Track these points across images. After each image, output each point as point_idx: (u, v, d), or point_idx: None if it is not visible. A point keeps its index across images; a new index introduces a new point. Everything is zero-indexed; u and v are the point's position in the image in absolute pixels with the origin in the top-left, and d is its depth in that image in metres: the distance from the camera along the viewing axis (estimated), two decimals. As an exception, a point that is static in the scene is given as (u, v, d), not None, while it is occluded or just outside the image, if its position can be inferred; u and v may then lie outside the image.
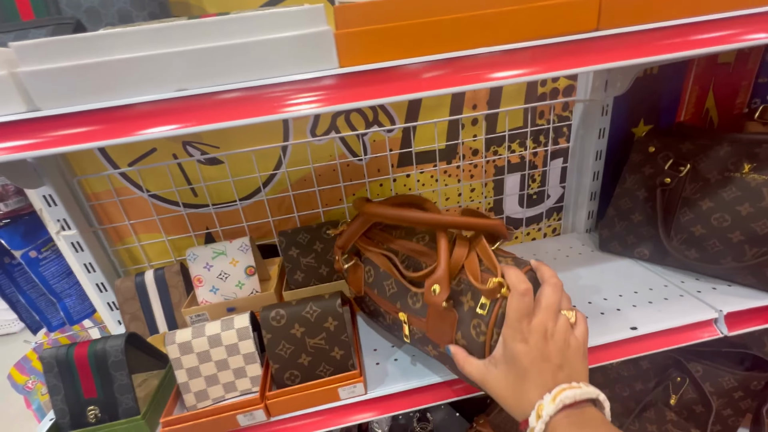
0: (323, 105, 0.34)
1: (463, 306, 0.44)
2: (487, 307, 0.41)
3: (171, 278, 0.68)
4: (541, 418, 0.34)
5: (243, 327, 0.52)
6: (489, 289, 0.40)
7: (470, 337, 0.43)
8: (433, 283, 0.44)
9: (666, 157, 0.66)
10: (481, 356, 0.42)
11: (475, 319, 0.42)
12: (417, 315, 0.49)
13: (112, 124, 0.33)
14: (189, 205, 0.74)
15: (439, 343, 0.47)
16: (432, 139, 0.76)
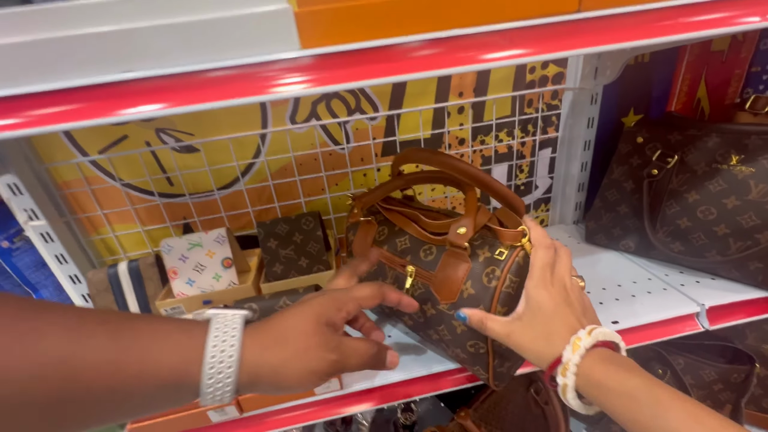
0: (311, 86, 0.32)
1: (479, 257, 0.44)
2: (506, 254, 0.42)
3: (146, 270, 0.66)
4: (578, 349, 0.34)
5: (215, 321, 0.50)
6: (513, 233, 0.42)
7: (480, 285, 0.43)
8: (460, 226, 0.45)
9: (654, 148, 0.65)
10: (489, 305, 0.42)
11: (490, 267, 0.43)
12: (426, 267, 0.49)
13: (78, 105, 0.30)
14: (165, 194, 0.72)
15: (440, 297, 0.46)
16: (417, 128, 0.74)
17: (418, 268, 0.50)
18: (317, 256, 0.66)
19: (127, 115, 0.31)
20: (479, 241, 0.46)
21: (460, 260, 0.46)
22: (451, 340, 0.47)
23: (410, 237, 0.53)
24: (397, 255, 0.53)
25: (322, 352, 0.32)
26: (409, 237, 0.53)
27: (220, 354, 0.28)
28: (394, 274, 0.53)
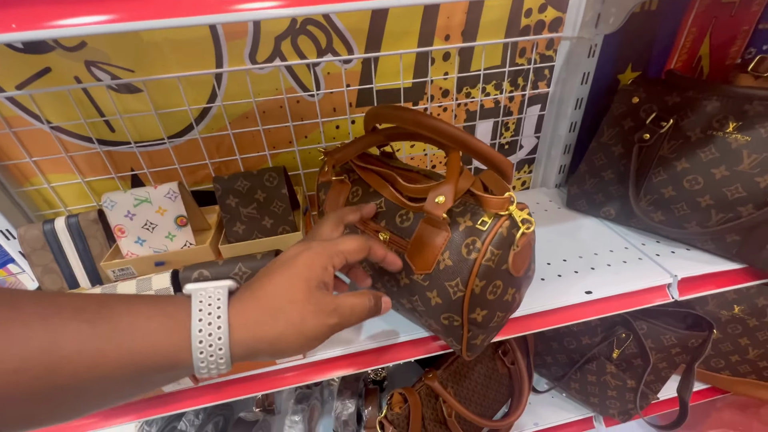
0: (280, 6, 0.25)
1: (459, 226, 0.40)
2: (488, 224, 0.38)
3: (88, 227, 0.59)
4: None
5: (163, 288, 0.45)
6: (498, 200, 0.38)
7: (459, 256, 0.40)
8: (439, 194, 0.40)
9: (649, 110, 0.60)
10: (467, 278, 0.39)
11: (470, 237, 0.39)
12: (401, 235, 0.45)
13: None
14: (106, 142, 0.63)
15: (415, 267, 0.43)
16: (396, 75, 0.66)
17: (392, 234, 0.46)
18: (282, 216, 0.61)
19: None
20: (460, 207, 0.41)
21: (438, 228, 0.42)
22: (425, 311, 0.44)
23: (385, 200, 0.48)
24: (372, 219, 0.48)
25: (320, 318, 0.31)
26: (384, 200, 0.48)
27: (207, 338, 0.27)
28: None
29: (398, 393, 0.63)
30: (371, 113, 0.47)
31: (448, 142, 0.40)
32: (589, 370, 0.75)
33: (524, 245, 0.39)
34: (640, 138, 0.60)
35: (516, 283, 0.43)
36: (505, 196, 0.38)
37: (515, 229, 0.38)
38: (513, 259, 0.39)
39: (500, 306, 0.42)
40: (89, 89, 0.58)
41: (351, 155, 0.52)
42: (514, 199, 0.38)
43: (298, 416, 0.75)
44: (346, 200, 0.52)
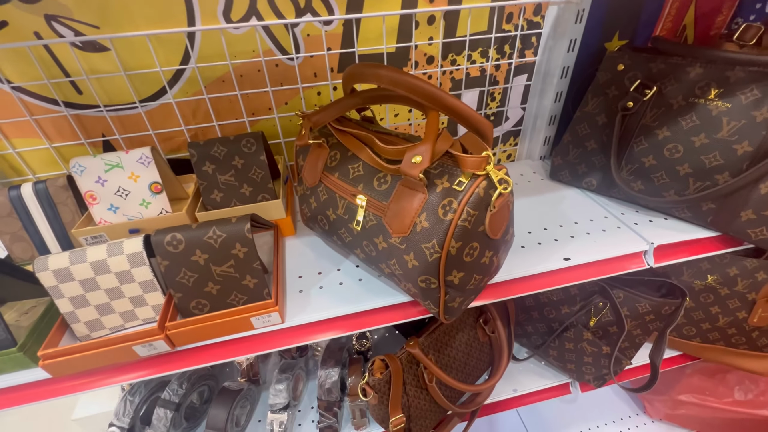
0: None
1: (436, 187, 0.40)
2: (465, 184, 0.38)
3: (57, 193, 0.57)
4: None
5: (135, 252, 0.44)
6: (475, 159, 0.37)
7: (435, 217, 0.39)
8: (416, 155, 0.39)
9: (633, 78, 0.59)
10: (442, 240, 0.39)
11: (447, 198, 0.39)
12: (379, 198, 0.44)
13: None
14: (73, 105, 0.59)
15: (392, 230, 0.43)
16: (379, 39, 0.64)
17: (370, 198, 0.45)
18: (261, 183, 0.59)
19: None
20: (438, 169, 0.41)
21: (416, 191, 0.41)
22: (403, 275, 0.44)
23: (364, 163, 0.47)
24: (349, 183, 0.48)
25: None
26: (362, 163, 0.47)
27: None
28: (345, 204, 0.48)
29: (379, 359, 0.64)
30: (348, 72, 0.45)
31: (425, 101, 0.39)
32: (567, 338, 0.77)
33: (501, 206, 0.39)
34: (624, 106, 0.60)
35: (493, 246, 0.43)
36: (483, 155, 0.37)
37: (492, 190, 0.37)
38: (490, 220, 0.39)
39: (477, 268, 0.42)
40: (52, 47, 0.54)
41: (329, 118, 0.50)
42: (491, 159, 0.37)
43: (282, 385, 0.76)
44: (325, 165, 0.50)
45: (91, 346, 0.42)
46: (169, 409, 0.71)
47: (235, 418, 0.75)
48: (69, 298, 0.44)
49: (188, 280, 0.45)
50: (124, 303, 0.46)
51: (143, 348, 0.44)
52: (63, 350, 0.42)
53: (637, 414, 1.15)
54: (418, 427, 0.72)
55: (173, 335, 0.45)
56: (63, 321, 0.46)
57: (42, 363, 0.42)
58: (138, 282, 0.45)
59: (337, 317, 0.49)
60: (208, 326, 0.45)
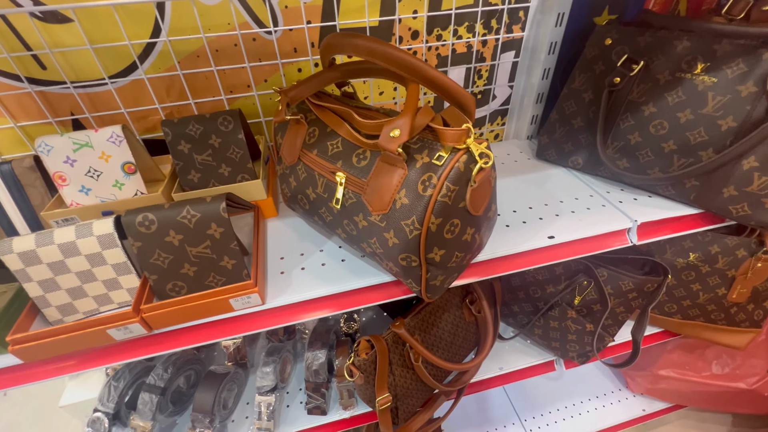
0: None
1: (416, 163, 0.39)
2: (445, 158, 0.37)
3: (24, 175, 0.54)
4: None
5: (105, 234, 0.43)
6: (454, 132, 0.36)
7: (415, 193, 0.38)
8: (394, 128, 0.38)
9: (621, 53, 0.58)
10: (422, 216, 0.38)
11: (427, 173, 0.38)
12: (358, 175, 0.43)
13: None
14: (37, 81, 0.56)
15: (372, 207, 0.42)
16: (361, 11, 0.61)
17: (349, 175, 0.44)
18: (240, 163, 0.57)
19: None
20: (418, 144, 0.40)
21: (395, 166, 0.40)
22: (384, 254, 0.43)
23: (343, 140, 0.45)
24: (328, 160, 0.46)
25: None
26: (341, 140, 0.46)
27: None
28: (324, 182, 0.47)
29: (364, 340, 0.64)
30: (326, 43, 0.43)
31: (404, 73, 0.38)
32: (552, 317, 0.78)
33: (482, 181, 0.38)
34: (611, 82, 0.59)
35: (475, 223, 0.42)
36: (463, 127, 0.36)
37: (473, 164, 0.36)
38: (471, 195, 0.38)
39: (459, 246, 0.42)
40: (9, 17, 0.51)
41: (307, 93, 0.48)
42: (472, 132, 0.36)
43: (270, 367, 0.76)
44: (303, 142, 0.49)
45: (64, 330, 0.41)
46: (155, 393, 0.71)
47: (222, 401, 0.75)
48: (37, 281, 0.42)
49: (163, 261, 0.43)
50: (97, 286, 0.45)
51: (118, 332, 0.43)
52: (33, 335, 0.41)
53: (620, 389, 1.19)
54: (405, 405, 0.73)
55: (149, 318, 0.43)
56: (33, 306, 0.44)
57: (11, 348, 0.40)
58: (110, 264, 0.44)
59: (319, 298, 0.49)
60: (185, 308, 0.44)
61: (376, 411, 0.67)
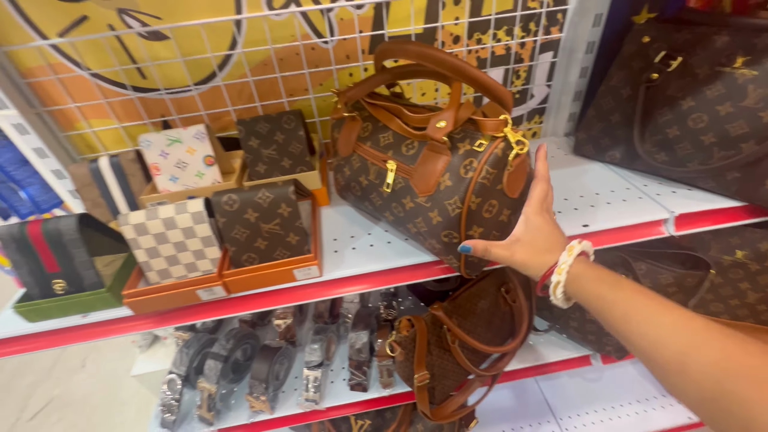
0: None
1: (459, 150, 0.45)
2: (485, 145, 0.42)
3: (127, 166, 0.65)
4: (572, 252, 0.42)
5: (197, 211, 0.52)
6: (494, 122, 0.41)
7: (457, 176, 0.44)
8: (440, 120, 0.44)
9: (658, 49, 0.60)
10: (464, 196, 0.43)
11: (468, 159, 0.43)
12: (407, 162, 0.50)
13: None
14: (138, 88, 0.68)
15: (418, 190, 0.48)
16: (407, 20, 0.68)
17: (399, 162, 0.50)
18: (300, 156, 0.65)
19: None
20: (461, 134, 0.45)
21: (440, 153, 0.45)
22: (428, 232, 0.49)
23: (393, 132, 0.52)
24: (380, 150, 0.53)
25: None
26: (392, 132, 0.52)
27: None
28: (376, 169, 0.54)
29: (405, 319, 0.70)
30: (379, 50, 0.50)
31: (449, 73, 0.43)
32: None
33: (518, 165, 0.43)
34: (648, 78, 0.61)
35: (512, 205, 0.46)
36: (501, 118, 0.41)
37: (509, 150, 0.41)
38: (508, 179, 0.43)
39: (496, 225, 0.46)
40: (122, 37, 0.62)
41: (361, 93, 0.55)
42: (509, 122, 0.41)
43: (317, 344, 0.84)
44: (357, 135, 0.56)
45: (164, 288, 0.51)
46: (219, 360, 0.80)
47: (275, 372, 0.84)
48: (145, 249, 0.52)
49: (241, 235, 0.52)
50: (188, 255, 0.54)
51: (205, 292, 0.52)
52: (142, 291, 0.50)
53: (663, 395, 1.15)
54: (441, 386, 0.77)
55: (229, 282, 0.52)
56: (139, 269, 0.54)
57: (126, 301, 0.50)
58: (199, 237, 0.53)
59: (368, 273, 0.55)
60: (257, 276, 0.52)
61: (414, 388, 0.73)
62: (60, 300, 0.52)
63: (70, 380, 1.64)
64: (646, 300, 0.35)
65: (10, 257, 0.51)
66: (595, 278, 0.39)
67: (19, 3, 0.57)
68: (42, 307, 0.52)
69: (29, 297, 0.53)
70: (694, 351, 0.29)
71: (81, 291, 0.52)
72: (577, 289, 0.40)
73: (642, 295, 0.36)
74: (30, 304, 0.52)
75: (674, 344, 0.31)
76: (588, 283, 0.39)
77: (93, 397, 1.56)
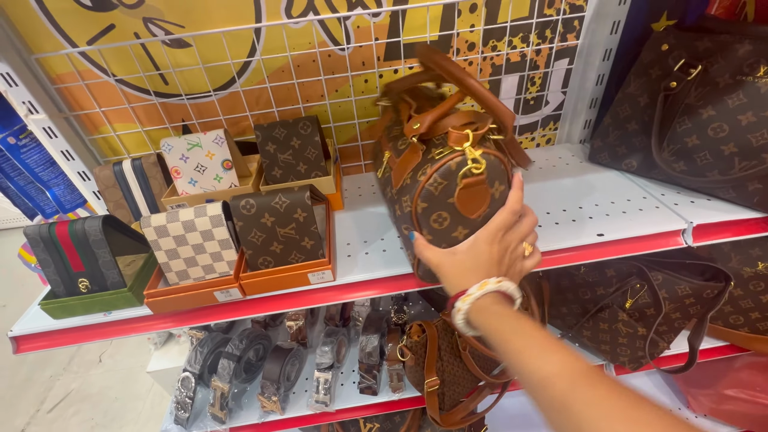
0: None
1: (428, 154, 0.45)
2: (443, 155, 0.42)
3: (149, 168, 0.68)
4: (484, 288, 0.42)
5: (215, 215, 0.53)
6: (456, 135, 0.41)
7: (414, 177, 0.45)
8: (417, 121, 0.45)
9: (678, 57, 0.59)
10: (412, 197, 0.44)
11: (426, 164, 0.44)
12: (396, 155, 0.52)
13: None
14: (161, 94, 0.70)
15: (394, 182, 0.51)
16: (423, 28, 0.68)
17: (392, 155, 0.53)
18: (315, 161, 0.67)
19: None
20: (439, 141, 0.46)
21: (414, 153, 0.47)
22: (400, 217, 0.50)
23: (401, 128, 0.54)
24: (387, 140, 0.57)
25: None
26: (401, 128, 0.54)
27: None
28: (381, 156, 0.57)
29: (416, 324, 0.70)
30: (417, 50, 0.53)
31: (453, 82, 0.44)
32: (602, 318, 0.78)
33: (474, 185, 0.41)
34: (667, 86, 0.60)
35: (470, 225, 0.45)
36: (464, 132, 0.40)
37: (465, 166, 0.40)
38: (459, 194, 0.42)
39: (448, 240, 0.46)
40: (147, 44, 0.65)
41: (401, 87, 0.58)
42: (470, 138, 0.40)
43: (328, 347, 0.85)
44: (385, 125, 0.61)
45: (183, 289, 0.52)
46: (232, 360, 0.82)
47: (286, 373, 0.85)
48: (165, 250, 0.54)
49: (258, 239, 0.53)
50: (206, 258, 0.56)
51: (222, 294, 0.53)
52: (162, 291, 0.52)
53: (679, 408, 1.12)
54: (450, 392, 0.77)
55: (245, 285, 0.53)
56: (159, 270, 0.56)
57: (146, 301, 0.52)
58: (217, 240, 0.54)
59: (381, 278, 0.55)
60: (272, 279, 0.53)
61: (424, 393, 0.73)
62: (84, 298, 0.54)
63: (87, 374, 1.69)
64: (539, 338, 0.36)
65: (38, 256, 0.53)
66: (498, 314, 0.40)
67: (52, 13, 0.59)
68: (67, 305, 0.54)
69: (54, 294, 0.55)
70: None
71: (104, 290, 0.54)
72: (480, 321, 0.41)
73: (538, 332, 0.36)
74: (56, 302, 0.54)
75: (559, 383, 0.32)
76: (490, 317, 0.40)
77: (109, 391, 1.61)
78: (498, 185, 0.44)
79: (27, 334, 0.56)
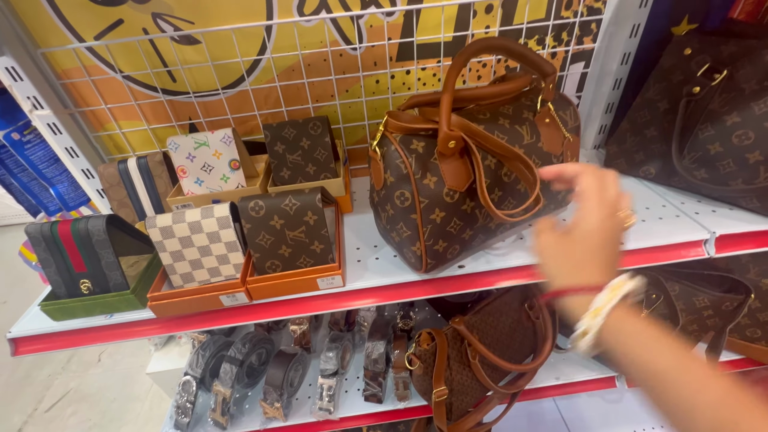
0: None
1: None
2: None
3: (155, 167, 0.66)
4: (616, 293, 0.32)
5: (223, 216, 0.51)
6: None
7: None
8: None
9: (701, 62, 0.58)
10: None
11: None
12: None
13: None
14: (168, 91, 0.69)
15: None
16: (437, 28, 0.67)
17: None
18: (325, 163, 0.65)
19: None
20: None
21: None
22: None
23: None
24: None
25: None
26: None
27: None
28: None
29: (426, 332, 0.68)
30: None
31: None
32: (615, 329, 0.76)
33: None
34: (689, 92, 0.58)
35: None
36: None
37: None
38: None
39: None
40: (155, 40, 0.63)
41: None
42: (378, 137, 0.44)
43: (332, 353, 0.83)
44: None
45: (188, 293, 0.50)
46: (234, 364, 0.80)
47: (289, 379, 0.83)
48: (170, 252, 0.52)
49: (266, 242, 0.51)
50: (212, 260, 0.54)
51: (227, 298, 0.51)
52: (167, 294, 0.50)
53: (690, 421, 1.09)
54: (458, 402, 0.75)
55: (252, 289, 0.51)
56: (164, 272, 0.54)
57: (150, 304, 0.50)
58: (224, 242, 0.53)
59: (392, 285, 0.54)
60: (280, 283, 0.52)
61: (432, 403, 0.71)
62: (85, 300, 0.52)
63: (86, 374, 1.67)
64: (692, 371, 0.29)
65: (39, 255, 0.52)
66: (634, 333, 0.31)
67: (59, 6, 0.58)
68: (67, 307, 0.52)
69: (55, 295, 0.54)
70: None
71: (106, 292, 0.52)
72: (611, 341, 0.32)
73: (689, 361, 0.29)
74: (56, 303, 0.52)
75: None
76: (627, 339, 0.31)
77: (107, 391, 1.58)
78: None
79: (26, 336, 0.54)
